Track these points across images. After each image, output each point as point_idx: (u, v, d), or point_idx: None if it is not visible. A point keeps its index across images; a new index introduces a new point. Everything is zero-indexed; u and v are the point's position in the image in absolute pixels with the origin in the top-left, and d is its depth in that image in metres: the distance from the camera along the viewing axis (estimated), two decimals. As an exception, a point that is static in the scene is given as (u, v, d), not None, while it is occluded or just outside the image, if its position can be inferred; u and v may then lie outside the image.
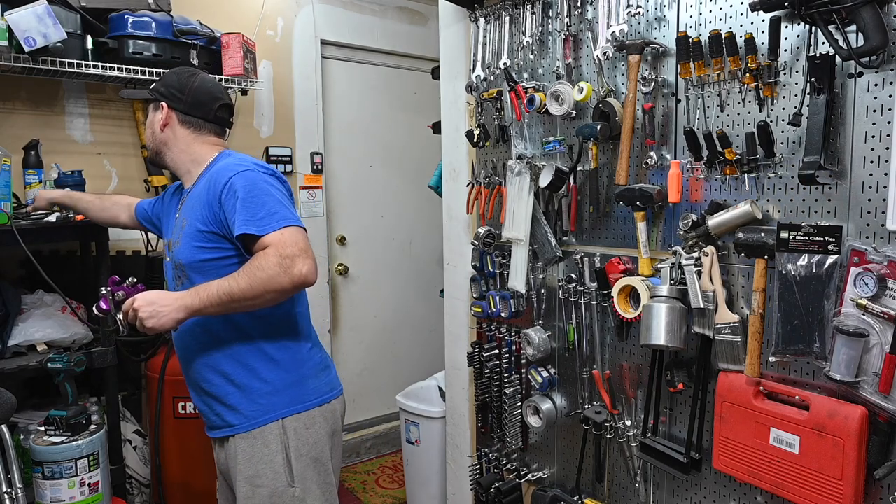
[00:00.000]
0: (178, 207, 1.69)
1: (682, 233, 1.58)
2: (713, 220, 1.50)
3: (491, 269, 2.14)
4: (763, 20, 1.41)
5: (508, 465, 2.19)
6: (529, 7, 1.94)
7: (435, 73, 2.52)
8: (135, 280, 1.60)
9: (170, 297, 1.44)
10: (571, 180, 1.87)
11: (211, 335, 1.60)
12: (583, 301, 1.88)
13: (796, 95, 1.37)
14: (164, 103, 1.67)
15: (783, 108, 1.41)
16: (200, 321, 1.58)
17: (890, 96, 1.24)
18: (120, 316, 1.48)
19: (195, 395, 1.69)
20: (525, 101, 1.89)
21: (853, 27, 1.26)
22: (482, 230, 2.13)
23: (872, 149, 1.28)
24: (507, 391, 2.09)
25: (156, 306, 1.42)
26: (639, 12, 1.65)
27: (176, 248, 1.61)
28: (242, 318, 1.57)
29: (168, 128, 1.68)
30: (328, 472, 1.65)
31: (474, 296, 2.22)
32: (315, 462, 1.61)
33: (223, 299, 1.43)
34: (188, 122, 1.68)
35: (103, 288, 1.57)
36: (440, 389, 2.75)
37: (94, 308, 1.57)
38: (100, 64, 2.36)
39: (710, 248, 1.51)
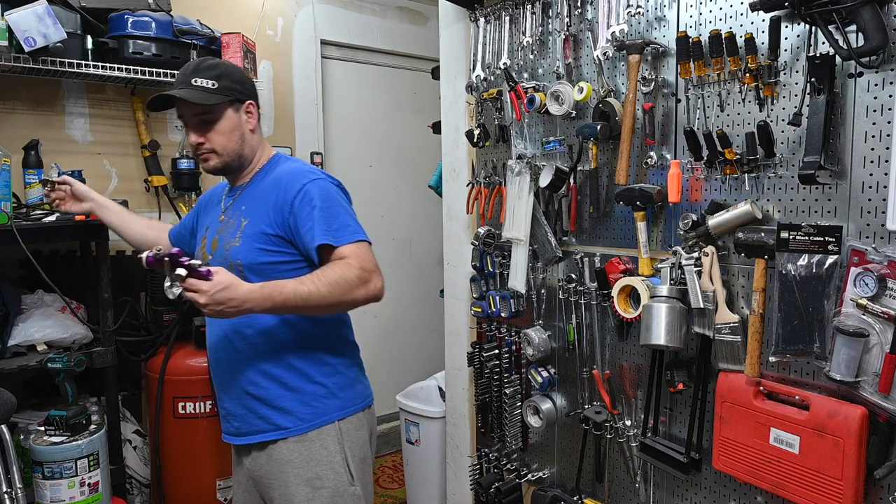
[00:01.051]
0: (226, 206, 1.64)
1: (682, 233, 1.58)
2: (713, 220, 1.50)
3: (491, 269, 2.14)
4: (763, 20, 1.41)
5: (508, 465, 2.19)
6: (529, 7, 1.93)
7: (435, 73, 2.52)
8: (200, 263, 1.37)
9: (243, 289, 1.35)
10: (571, 180, 1.87)
11: (267, 337, 1.56)
12: (583, 301, 1.88)
13: (796, 95, 1.37)
14: (252, 101, 1.61)
15: (783, 108, 1.41)
16: (255, 323, 1.54)
17: (890, 96, 1.24)
18: (177, 288, 1.34)
19: (232, 399, 1.62)
20: (525, 101, 1.89)
21: (853, 27, 1.26)
22: (482, 230, 2.13)
23: (872, 149, 1.28)
24: (507, 391, 2.09)
25: (228, 292, 1.32)
26: (639, 12, 1.65)
27: (233, 248, 1.55)
28: (302, 322, 1.55)
29: (255, 128, 1.63)
30: (371, 471, 1.69)
31: (474, 296, 2.22)
32: (363, 462, 1.64)
33: (297, 303, 1.40)
34: (258, 119, 1.65)
35: (156, 250, 1.30)
36: (440, 389, 2.75)
37: (144, 256, 1.29)
38: (100, 64, 2.36)
39: (710, 248, 1.51)
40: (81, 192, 1.87)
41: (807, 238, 1.32)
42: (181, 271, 1.26)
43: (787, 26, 1.38)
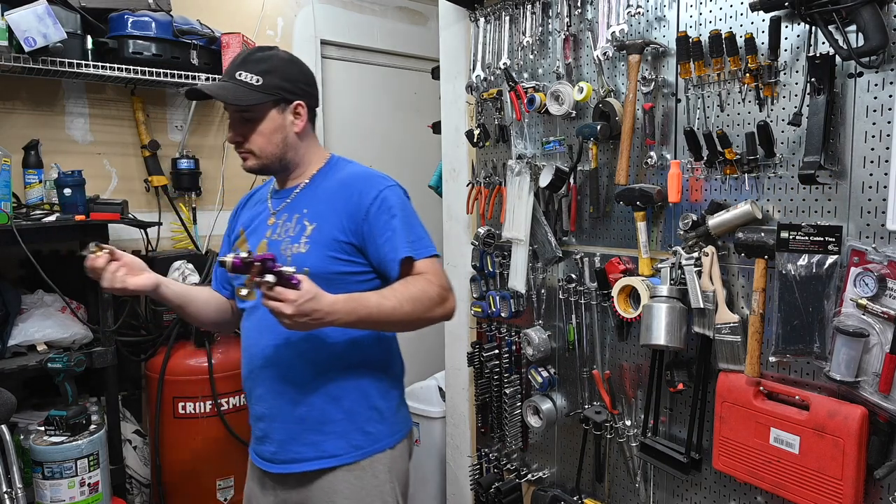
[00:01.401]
0: (277, 208, 1.50)
1: (682, 233, 1.58)
2: (713, 220, 1.50)
3: (491, 269, 2.14)
4: (763, 20, 1.41)
5: (508, 465, 2.19)
6: (529, 7, 1.93)
7: (435, 73, 2.52)
8: (292, 270, 1.24)
9: (327, 300, 1.22)
10: (571, 180, 1.87)
11: (327, 352, 1.41)
12: (583, 301, 1.88)
13: (796, 95, 1.37)
14: (301, 102, 1.46)
15: (783, 108, 1.41)
16: (316, 336, 1.40)
17: (890, 96, 1.24)
18: (245, 292, 1.22)
19: (274, 421, 1.44)
20: (525, 101, 1.89)
21: (853, 27, 1.26)
22: (482, 230, 2.13)
23: (872, 149, 1.28)
24: (507, 391, 2.09)
25: (315, 303, 1.20)
26: (639, 12, 1.65)
27: (297, 254, 1.40)
28: (367, 337, 1.45)
29: (303, 130, 1.48)
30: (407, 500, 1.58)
31: (474, 296, 2.22)
32: (405, 492, 1.54)
33: (379, 318, 1.30)
34: (313, 119, 1.52)
35: (245, 254, 1.17)
36: (440, 389, 2.75)
37: (226, 257, 1.15)
38: (100, 64, 2.36)
39: (710, 248, 1.51)
40: (135, 263, 1.44)
41: (807, 238, 1.32)
42: (270, 278, 1.15)
43: (787, 26, 1.38)
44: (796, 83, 1.38)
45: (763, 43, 1.41)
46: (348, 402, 1.43)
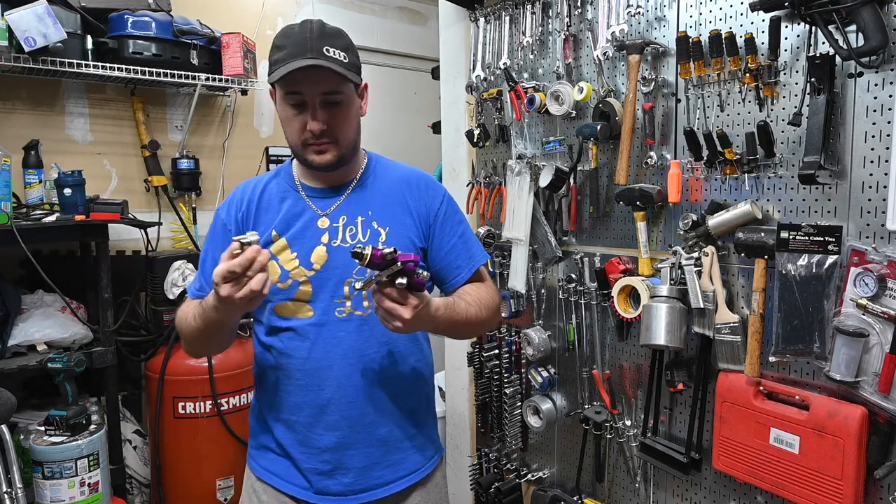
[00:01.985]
0: (326, 209, 1.31)
1: (682, 233, 1.58)
2: (713, 220, 1.50)
3: (491, 270, 2.14)
4: (763, 20, 1.41)
5: (508, 465, 2.19)
6: (529, 7, 1.93)
7: (435, 73, 2.52)
8: (427, 275, 1.15)
9: (433, 307, 1.15)
10: (571, 180, 1.87)
11: (405, 365, 1.34)
12: (583, 301, 1.88)
13: (796, 95, 1.37)
14: (366, 83, 1.34)
15: (783, 108, 1.41)
16: (391, 341, 1.30)
17: (890, 96, 1.24)
18: (377, 282, 1.08)
19: (353, 451, 1.29)
20: (525, 101, 1.89)
21: (853, 27, 1.25)
22: (482, 230, 2.13)
23: (872, 149, 1.28)
24: (507, 391, 2.09)
25: (428, 309, 1.12)
26: (639, 12, 1.65)
27: (357, 287, 1.22)
28: (425, 343, 1.39)
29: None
30: None
31: (474, 296, 2.21)
32: None
33: (464, 325, 1.26)
34: None
35: (389, 250, 1.05)
36: (440, 389, 2.75)
37: (364, 249, 1.03)
38: (100, 64, 2.36)
39: (710, 248, 1.51)
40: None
41: (807, 238, 1.32)
42: (402, 281, 1.04)
43: (787, 26, 1.38)
44: (796, 83, 1.38)
45: (763, 43, 1.41)
46: (421, 413, 1.38)
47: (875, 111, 1.27)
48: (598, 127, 1.70)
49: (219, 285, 1.05)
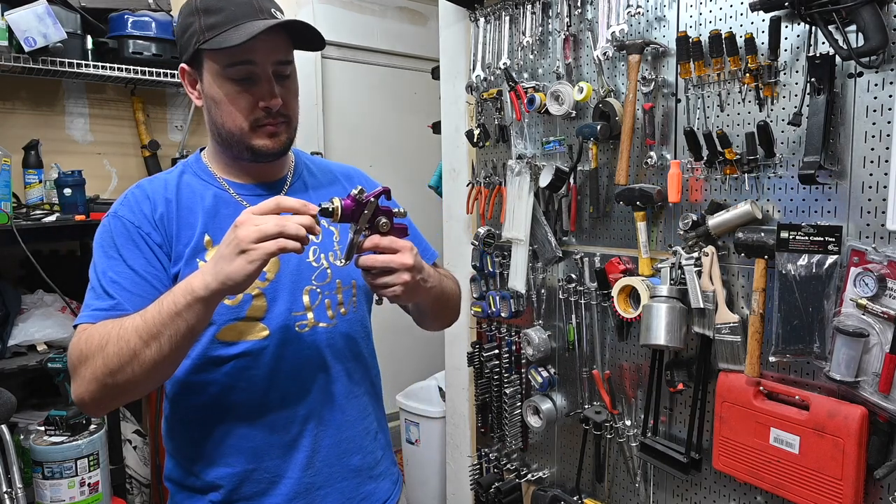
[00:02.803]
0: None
1: (682, 233, 1.58)
2: (713, 220, 1.50)
3: (491, 269, 2.14)
4: (763, 20, 1.41)
5: (508, 465, 2.19)
6: (529, 7, 1.93)
7: (435, 73, 2.52)
8: (403, 211, 1.00)
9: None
10: (571, 180, 1.87)
11: (369, 378, 1.20)
12: (583, 301, 1.88)
13: (796, 95, 1.37)
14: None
15: (783, 108, 1.41)
16: (356, 348, 1.16)
17: (890, 96, 1.24)
18: (361, 240, 0.94)
19: (329, 489, 1.12)
20: (525, 101, 1.89)
21: (853, 27, 1.25)
22: (482, 230, 2.13)
23: (872, 149, 1.28)
24: (507, 391, 2.09)
25: (423, 274, 1.00)
26: (639, 12, 1.65)
27: (334, 267, 1.14)
28: (373, 351, 1.25)
29: None
30: None
31: (474, 296, 2.22)
32: None
33: (447, 292, 1.15)
34: None
35: (356, 190, 0.93)
36: (440, 389, 2.75)
37: (332, 202, 0.92)
38: (100, 64, 2.36)
39: (710, 248, 1.51)
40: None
41: (807, 238, 1.32)
42: (385, 220, 0.93)
43: (787, 26, 1.38)
44: (796, 83, 1.38)
45: (763, 43, 1.41)
46: (383, 434, 1.25)
47: (875, 111, 1.27)
48: (598, 127, 1.70)
49: (251, 245, 0.85)
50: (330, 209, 0.91)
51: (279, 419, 1.07)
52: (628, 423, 1.80)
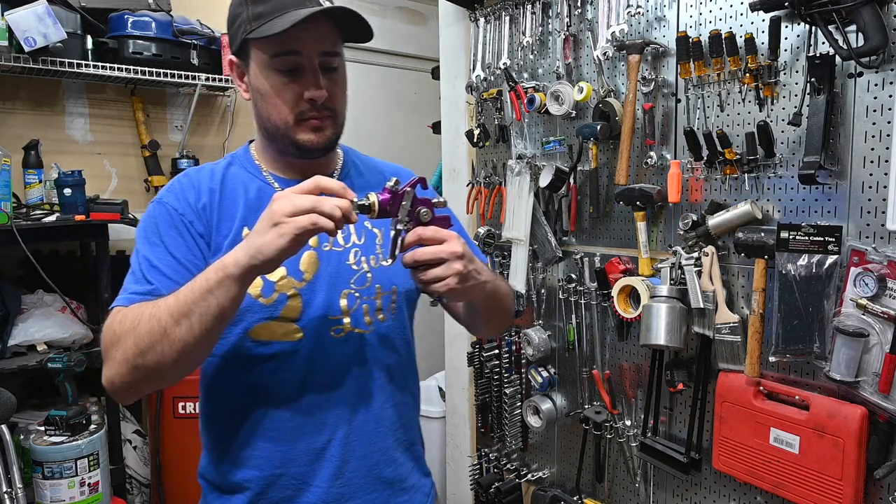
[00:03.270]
0: None
1: (682, 233, 1.58)
2: (713, 220, 1.50)
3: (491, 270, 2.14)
4: (763, 20, 1.41)
5: (508, 465, 2.18)
6: (529, 7, 1.93)
7: (435, 73, 2.52)
8: (443, 200, 0.95)
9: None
10: (571, 180, 1.87)
11: (402, 377, 1.14)
12: (583, 301, 1.87)
13: (796, 95, 1.37)
14: None
15: (783, 108, 1.41)
16: (392, 355, 1.11)
17: (890, 96, 1.24)
18: (403, 236, 0.90)
19: (357, 501, 1.08)
20: (525, 101, 1.89)
21: (853, 27, 1.26)
22: (482, 230, 2.13)
23: (872, 149, 1.28)
24: (507, 391, 2.09)
25: (475, 265, 0.94)
26: (639, 12, 1.65)
27: (380, 268, 1.09)
28: (412, 357, 1.19)
29: None
30: None
31: (474, 296, 2.21)
32: None
33: (500, 290, 1.07)
34: None
35: (390, 182, 0.90)
36: (440, 389, 2.75)
37: (367, 197, 0.89)
38: (100, 64, 2.36)
39: (710, 248, 1.51)
40: None
41: (807, 238, 1.32)
42: (426, 209, 0.88)
43: (787, 26, 1.38)
44: (796, 83, 1.38)
45: (763, 43, 1.41)
46: (417, 444, 1.20)
47: (875, 111, 1.27)
48: (598, 127, 1.70)
49: (284, 219, 0.82)
50: (367, 204, 0.87)
51: (309, 426, 1.04)
52: (628, 423, 1.80)
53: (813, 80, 1.31)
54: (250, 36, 0.98)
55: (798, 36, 1.37)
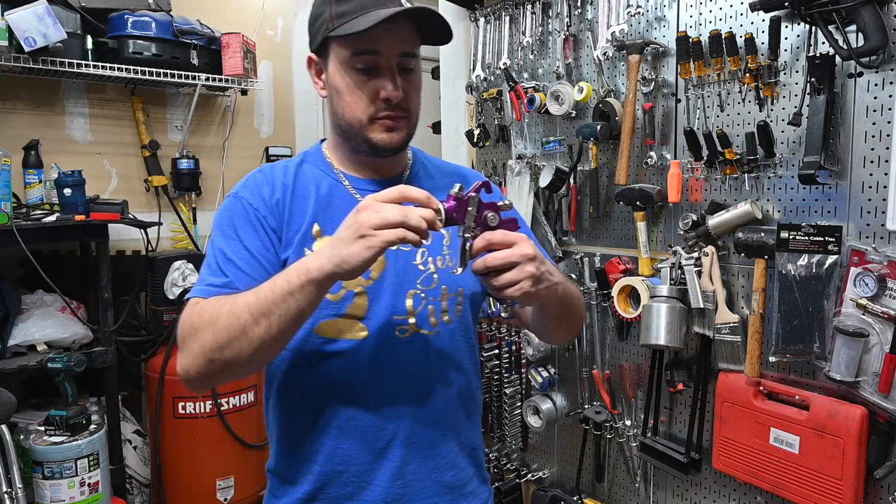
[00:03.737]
0: None
1: (682, 233, 1.58)
2: (713, 220, 1.50)
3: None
4: (763, 20, 1.41)
5: (508, 465, 2.18)
6: (529, 7, 1.93)
7: (435, 73, 2.52)
8: (508, 202, 0.92)
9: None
10: (571, 180, 1.87)
11: (472, 389, 1.12)
12: (583, 301, 1.87)
13: (796, 95, 1.37)
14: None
15: (783, 108, 1.41)
16: (461, 359, 1.10)
17: (890, 96, 1.24)
18: (471, 243, 0.87)
19: (414, 498, 1.06)
20: (525, 101, 1.89)
21: (853, 27, 1.26)
22: (482, 230, 2.13)
23: (872, 149, 1.28)
24: (507, 391, 2.09)
25: (547, 267, 0.91)
26: (639, 12, 1.65)
27: (447, 270, 1.08)
28: (476, 360, 1.16)
29: None
30: None
31: (474, 296, 2.21)
32: None
33: (571, 295, 1.04)
34: None
35: (454, 189, 0.87)
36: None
37: (460, 186, 0.87)
38: (100, 64, 2.36)
39: (710, 248, 1.51)
40: None
41: (807, 238, 1.32)
42: (492, 214, 0.86)
43: (787, 26, 1.38)
44: (796, 83, 1.38)
45: (763, 43, 1.41)
46: (479, 450, 1.18)
47: (875, 111, 1.27)
48: (598, 127, 1.70)
49: (371, 231, 0.81)
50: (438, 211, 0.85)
51: (371, 424, 1.04)
52: (628, 423, 1.80)
53: (813, 80, 1.31)
54: (332, 34, 0.99)
55: (798, 36, 1.37)
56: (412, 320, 1.05)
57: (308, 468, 1.06)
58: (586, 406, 1.90)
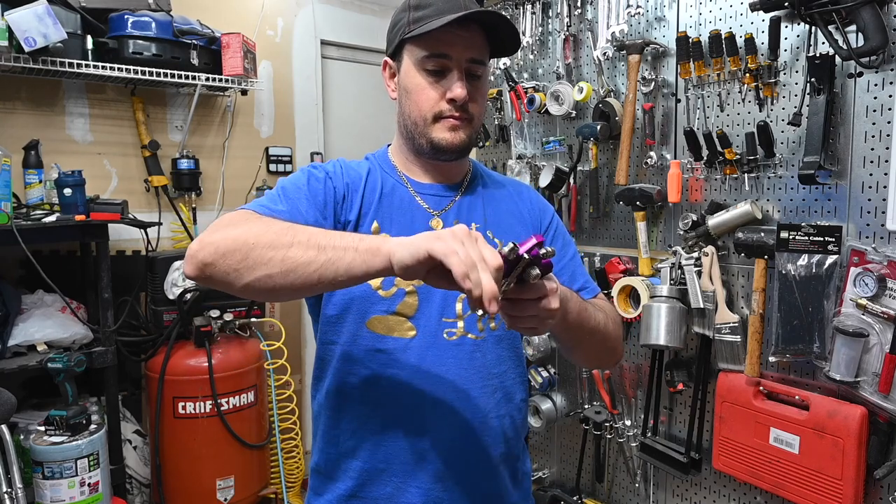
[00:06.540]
0: (440, 208, 1.11)
1: (682, 233, 1.58)
2: (713, 220, 1.50)
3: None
4: (763, 20, 1.41)
5: (508, 465, 2.19)
6: (529, 7, 1.93)
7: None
8: (551, 250, 0.86)
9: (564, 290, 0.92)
10: (571, 180, 1.87)
11: (505, 389, 1.10)
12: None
13: (796, 95, 1.37)
14: None
15: (783, 108, 1.41)
16: (502, 368, 1.09)
17: (890, 96, 1.24)
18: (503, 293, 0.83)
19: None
20: (525, 101, 1.89)
21: (853, 27, 1.26)
22: (482, 230, 2.13)
23: (872, 149, 1.28)
24: (507, 391, 2.09)
25: (567, 306, 0.93)
26: (639, 12, 1.65)
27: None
28: (522, 371, 1.16)
29: None
30: None
31: (474, 296, 2.21)
32: None
33: (588, 322, 1.01)
34: None
35: (507, 248, 0.81)
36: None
37: (512, 246, 0.79)
38: (100, 64, 2.36)
39: (710, 248, 1.51)
40: None
41: (807, 238, 1.32)
42: (537, 272, 0.84)
43: (787, 26, 1.38)
44: (796, 83, 1.38)
45: (763, 43, 1.41)
46: (522, 462, 1.15)
47: (875, 111, 1.27)
48: (598, 127, 1.70)
49: (466, 269, 0.75)
50: None
51: (414, 425, 1.03)
52: (628, 423, 1.80)
53: (813, 80, 1.31)
54: (407, 36, 1.04)
55: (798, 36, 1.37)
56: (461, 324, 1.05)
57: (350, 464, 1.06)
58: (586, 406, 1.90)
